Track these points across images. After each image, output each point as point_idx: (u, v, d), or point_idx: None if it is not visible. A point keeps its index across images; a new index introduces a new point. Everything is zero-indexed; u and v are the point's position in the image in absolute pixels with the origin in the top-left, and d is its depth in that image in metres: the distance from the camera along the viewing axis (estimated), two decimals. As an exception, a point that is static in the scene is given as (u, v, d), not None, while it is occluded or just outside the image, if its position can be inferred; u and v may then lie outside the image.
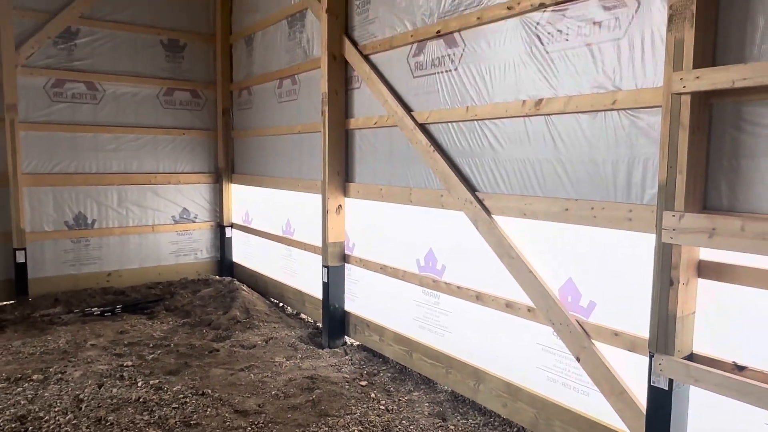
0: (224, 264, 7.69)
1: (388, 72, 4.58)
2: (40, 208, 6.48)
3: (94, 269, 6.88)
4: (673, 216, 2.44)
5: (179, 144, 7.37)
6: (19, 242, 6.24)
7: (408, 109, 4.33)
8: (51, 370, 4.37)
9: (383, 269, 4.72)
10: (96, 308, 6.06)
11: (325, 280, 5.17)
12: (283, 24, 6.18)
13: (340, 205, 5.14)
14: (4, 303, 6.28)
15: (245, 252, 7.47)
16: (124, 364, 4.52)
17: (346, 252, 5.22)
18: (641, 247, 2.80)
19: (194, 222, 7.58)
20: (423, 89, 4.23)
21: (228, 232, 7.67)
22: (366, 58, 4.76)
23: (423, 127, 4.19)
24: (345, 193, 5.15)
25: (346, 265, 5.22)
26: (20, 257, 6.26)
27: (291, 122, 6.09)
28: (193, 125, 7.47)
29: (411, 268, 4.45)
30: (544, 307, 3.26)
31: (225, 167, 7.56)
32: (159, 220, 7.30)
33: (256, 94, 6.88)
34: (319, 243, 5.55)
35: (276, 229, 6.58)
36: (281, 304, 6.49)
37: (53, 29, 6.38)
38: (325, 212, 5.13)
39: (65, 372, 4.32)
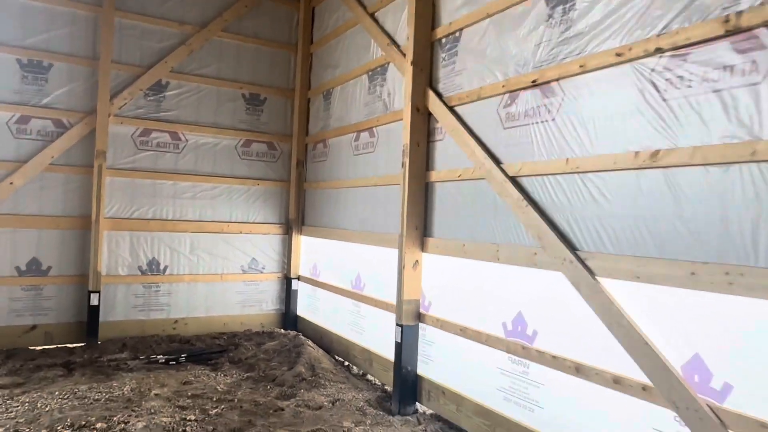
0: (288, 317, 7.52)
1: (475, 123, 4.40)
2: (117, 252, 6.59)
3: (162, 316, 6.86)
4: None
5: (253, 194, 7.43)
6: (95, 285, 6.32)
7: (497, 162, 4.10)
8: (115, 419, 4.21)
9: (463, 332, 4.36)
10: (161, 356, 5.95)
11: (398, 340, 4.85)
12: (363, 78, 6.21)
13: (417, 261, 4.89)
14: (75, 345, 6.31)
15: (311, 305, 7.28)
16: (187, 418, 4.31)
17: (421, 311, 4.90)
18: (794, 321, 2.37)
19: (262, 273, 7.51)
20: (514, 141, 4.00)
21: (294, 284, 7.53)
22: (451, 109, 4.62)
23: (514, 180, 3.93)
24: (423, 248, 4.90)
25: (421, 324, 4.90)
26: (94, 300, 6.32)
27: (367, 174, 5.99)
28: (267, 176, 7.54)
29: (496, 331, 4.08)
30: (665, 386, 2.81)
31: (296, 218, 7.52)
32: (228, 269, 7.27)
33: (332, 146, 6.89)
34: (390, 300, 5.29)
35: (345, 283, 6.38)
36: (346, 363, 6.18)
37: (145, 82, 6.69)
38: (401, 268, 4.88)
39: (128, 422, 4.15)
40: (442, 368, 4.65)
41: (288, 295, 7.55)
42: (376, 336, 5.65)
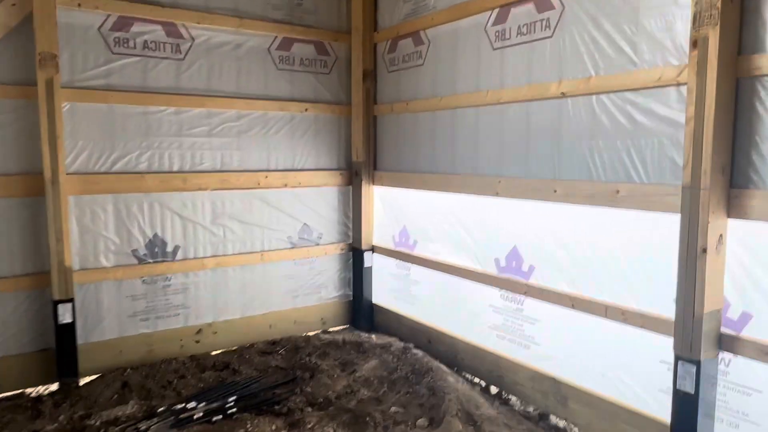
0: (360, 307, 5.11)
1: None
2: (94, 230, 3.94)
3: (178, 324, 4.33)
4: None
5: (298, 125, 4.79)
6: (63, 290, 3.70)
7: None
8: None
9: None
10: (194, 402, 3.51)
11: (690, 389, 2.53)
12: None
13: (720, 236, 2.49)
14: (40, 390, 3.77)
15: (399, 291, 4.87)
16: None
17: (723, 329, 2.57)
18: None
19: (318, 244, 5.00)
20: None
21: (367, 259, 5.07)
22: None
23: None
24: (729, 211, 2.50)
25: (722, 356, 2.59)
26: (65, 315, 3.73)
27: (536, 79, 3.43)
28: (317, 96, 4.87)
29: None
30: None
31: (365, 161, 4.95)
32: (270, 244, 4.73)
33: (435, 41, 4.25)
34: (601, 297, 3.01)
35: (481, 261, 3.96)
36: (494, 390, 3.87)
37: (114, -69, 3.82)
38: (697, 251, 2.48)
39: None
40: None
41: (359, 276, 5.10)
42: (572, 356, 3.34)
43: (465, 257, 4.11)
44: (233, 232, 4.53)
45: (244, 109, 4.48)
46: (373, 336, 4.49)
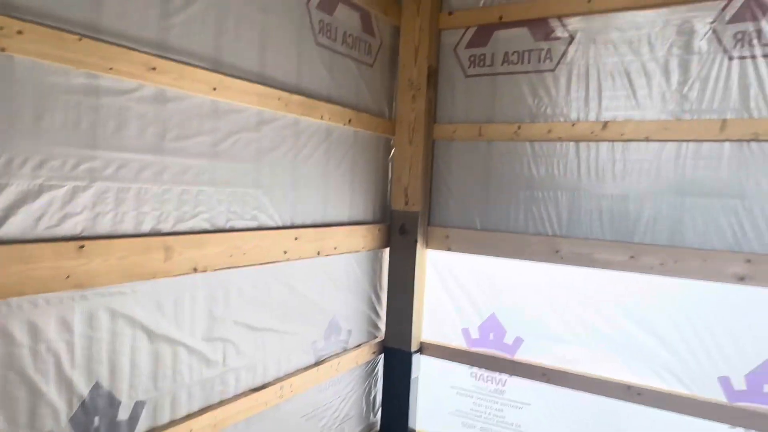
0: (399, 443, 3.16)
1: None
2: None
3: None
4: None
5: (336, 146, 2.74)
6: None
7: None
8: None
9: None
10: None
11: None
12: None
13: None
14: None
15: (479, 416, 3.08)
16: None
17: None
18: None
19: (346, 350, 2.93)
20: None
21: (415, 365, 3.17)
22: None
23: None
24: None
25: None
26: None
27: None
28: (358, 100, 2.89)
29: None
30: None
31: (421, 210, 3.11)
32: (289, 361, 2.52)
33: (589, 33, 2.76)
34: None
35: (687, 381, 2.55)
36: None
37: None
38: None
39: None
40: None
41: (398, 392, 3.14)
42: None
43: (645, 371, 2.65)
44: (238, 350, 2.23)
45: (272, 108, 2.28)
46: None
